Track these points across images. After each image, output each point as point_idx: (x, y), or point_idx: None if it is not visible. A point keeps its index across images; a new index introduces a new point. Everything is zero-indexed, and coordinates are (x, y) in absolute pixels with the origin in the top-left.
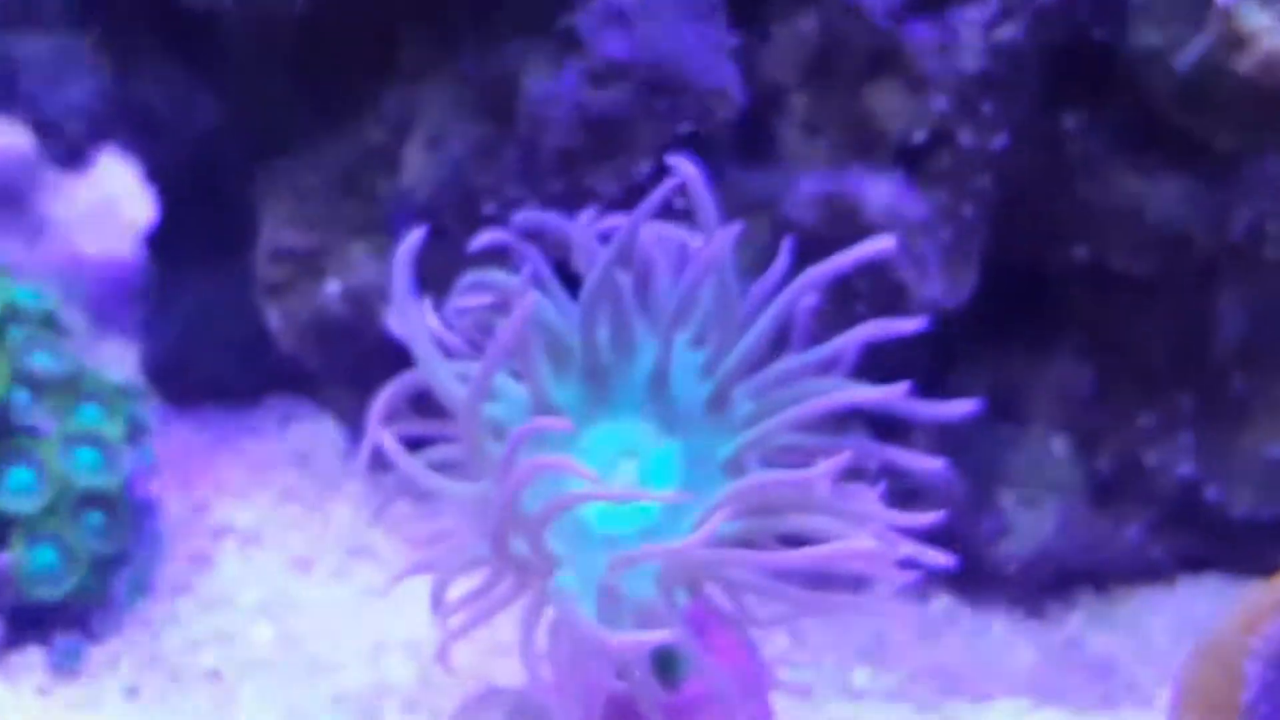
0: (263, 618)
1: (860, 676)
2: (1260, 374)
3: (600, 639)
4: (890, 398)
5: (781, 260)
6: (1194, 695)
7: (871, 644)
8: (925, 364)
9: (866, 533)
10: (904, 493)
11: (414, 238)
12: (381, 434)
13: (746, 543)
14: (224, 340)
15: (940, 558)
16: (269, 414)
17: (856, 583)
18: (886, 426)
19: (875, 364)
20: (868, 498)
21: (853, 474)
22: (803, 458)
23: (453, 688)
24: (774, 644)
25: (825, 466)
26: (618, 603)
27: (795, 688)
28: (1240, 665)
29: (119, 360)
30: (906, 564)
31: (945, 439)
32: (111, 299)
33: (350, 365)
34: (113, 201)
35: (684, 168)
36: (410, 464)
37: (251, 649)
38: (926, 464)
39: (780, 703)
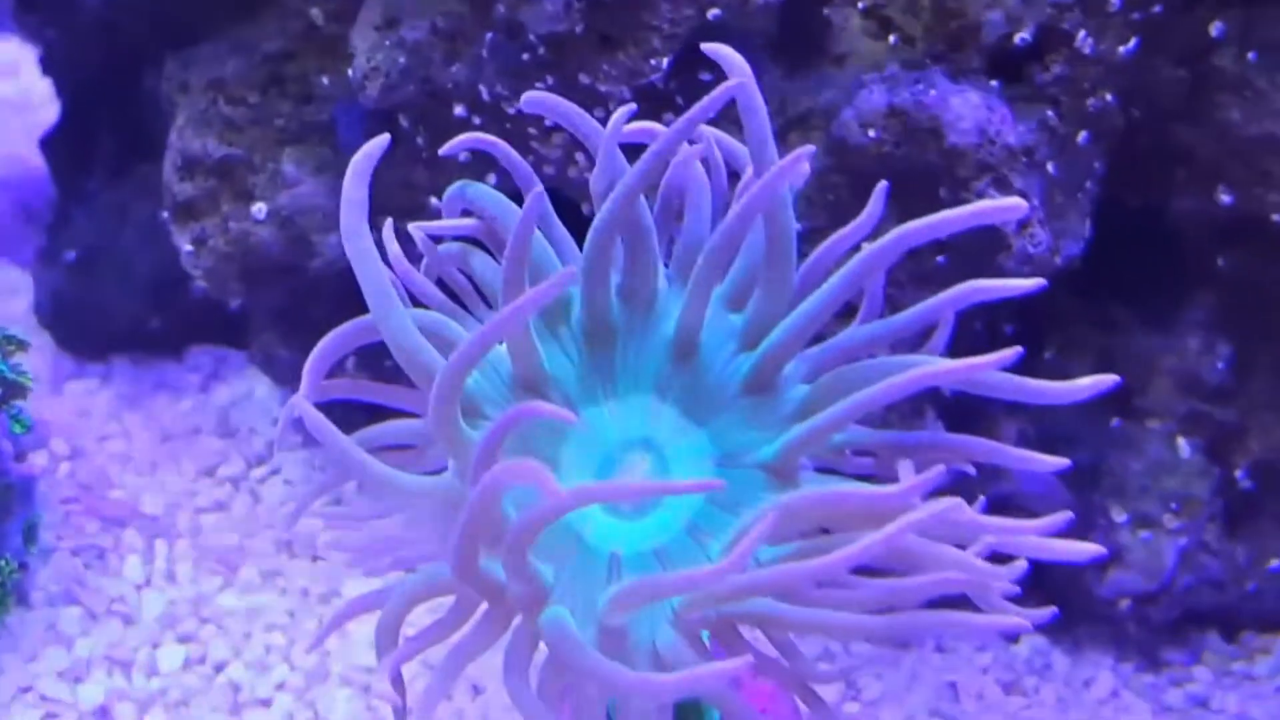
0: (170, 635)
1: None
2: None
3: (634, 684)
4: (987, 371)
5: (873, 210)
6: None
7: (943, 697)
8: (1010, 336)
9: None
10: (999, 507)
11: (373, 145)
12: (305, 403)
13: None
14: (133, 272)
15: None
16: (190, 368)
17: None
18: (964, 416)
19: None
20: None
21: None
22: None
23: None
24: (821, 694)
25: (915, 482)
26: (623, 646)
27: None
28: None
29: (12, 293)
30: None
31: (1038, 436)
32: (13, 217)
33: (284, 307)
34: (15, 100)
35: (729, 58)
36: (346, 447)
37: (153, 677)
38: (1046, 463)
39: None
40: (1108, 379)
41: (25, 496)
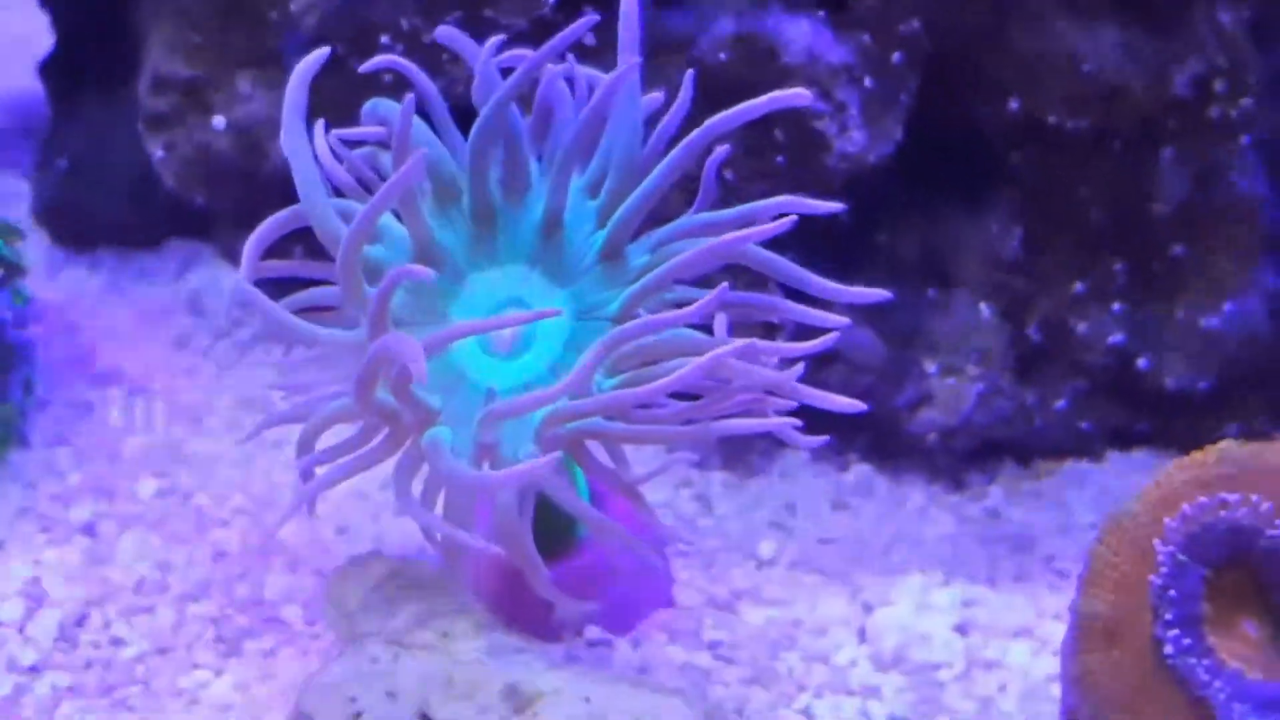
0: (146, 471)
1: (767, 546)
2: (1199, 241)
3: (476, 480)
4: (764, 236)
5: (683, 96)
6: (1103, 572)
7: (782, 512)
8: (849, 224)
9: (767, 374)
10: (823, 358)
11: (313, 56)
12: (243, 280)
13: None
14: (117, 178)
15: (845, 401)
16: (167, 259)
17: (771, 451)
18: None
19: (795, 222)
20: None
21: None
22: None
23: (341, 547)
24: (678, 511)
25: (703, 305)
26: (496, 461)
27: (697, 554)
28: (1152, 546)
29: (14, 197)
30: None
31: (865, 304)
32: (11, 133)
33: (240, 205)
34: (20, 34)
35: None
36: (274, 309)
37: (132, 503)
38: (832, 320)
39: (681, 572)
40: (880, 293)
41: (24, 357)
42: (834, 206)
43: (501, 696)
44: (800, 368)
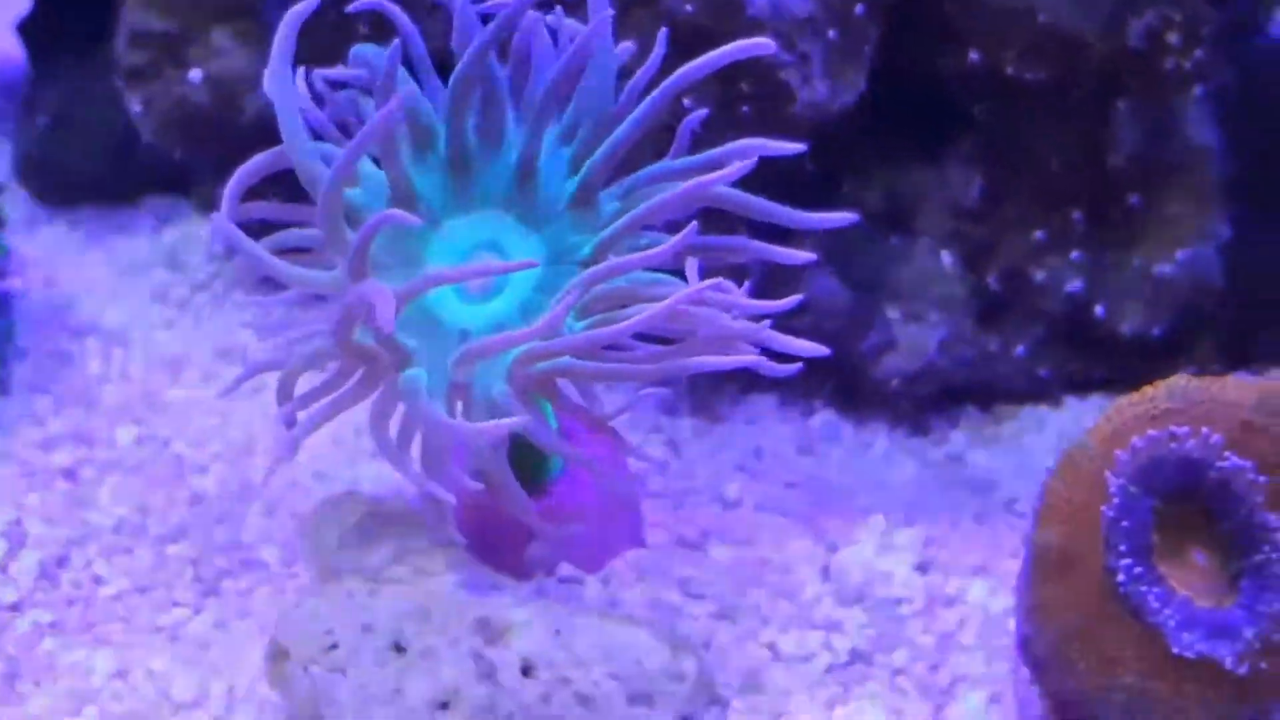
0: (125, 418)
1: (733, 488)
2: (1154, 189)
3: (453, 429)
4: (734, 177)
5: (657, 52)
6: (1056, 506)
7: (748, 456)
8: (813, 173)
9: (732, 323)
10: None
11: (305, 3)
12: (222, 219)
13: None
14: (96, 134)
15: (808, 346)
16: (145, 214)
17: (738, 397)
18: (774, 236)
19: (761, 169)
20: (729, 288)
21: (736, 273)
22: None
23: (317, 491)
24: (648, 453)
25: (672, 245)
26: (469, 401)
27: (666, 496)
28: (1104, 478)
29: None
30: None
31: (832, 251)
32: None
33: (217, 158)
34: None
35: None
36: (253, 248)
37: (111, 450)
38: (799, 257)
39: (650, 511)
40: (846, 216)
41: (4, 307)
42: (796, 147)
43: (474, 629)
44: (767, 321)
